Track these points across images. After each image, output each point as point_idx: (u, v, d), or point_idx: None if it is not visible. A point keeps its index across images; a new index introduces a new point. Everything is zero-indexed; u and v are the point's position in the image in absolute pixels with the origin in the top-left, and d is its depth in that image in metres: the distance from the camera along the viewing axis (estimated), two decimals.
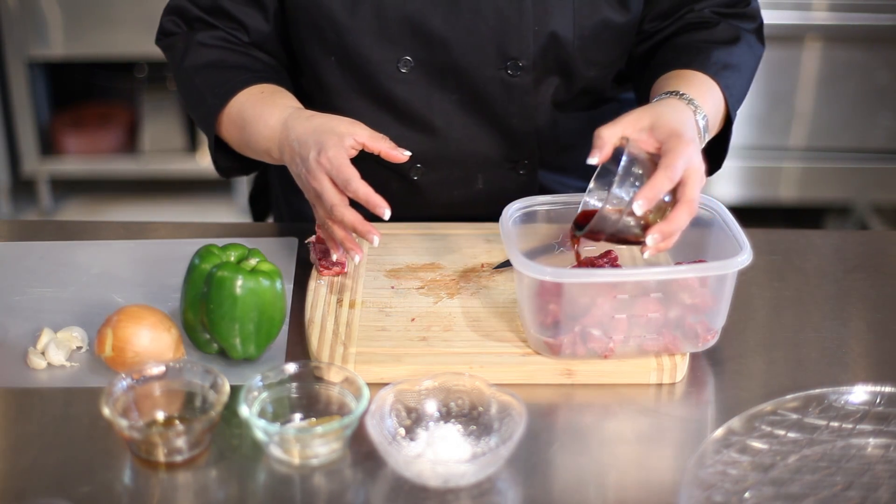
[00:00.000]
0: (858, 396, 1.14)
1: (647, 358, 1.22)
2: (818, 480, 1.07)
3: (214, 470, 1.09)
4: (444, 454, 1.07)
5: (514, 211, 1.29)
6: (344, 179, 1.24)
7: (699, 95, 1.30)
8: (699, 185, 1.16)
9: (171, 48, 1.48)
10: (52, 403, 1.19)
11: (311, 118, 1.31)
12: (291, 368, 1.15)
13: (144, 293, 1.37)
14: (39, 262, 1.44)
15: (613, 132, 1.19)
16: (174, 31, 1.48)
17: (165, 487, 1.07)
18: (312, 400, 1.15)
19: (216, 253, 1.22)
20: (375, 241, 1.26)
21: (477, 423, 1.12)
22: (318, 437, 1.08)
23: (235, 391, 1.12)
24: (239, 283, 1.18)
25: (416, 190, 1.51)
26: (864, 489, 1.06)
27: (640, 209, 1.13)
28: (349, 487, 1.07)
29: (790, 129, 3.21)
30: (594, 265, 1.31)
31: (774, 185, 3.27)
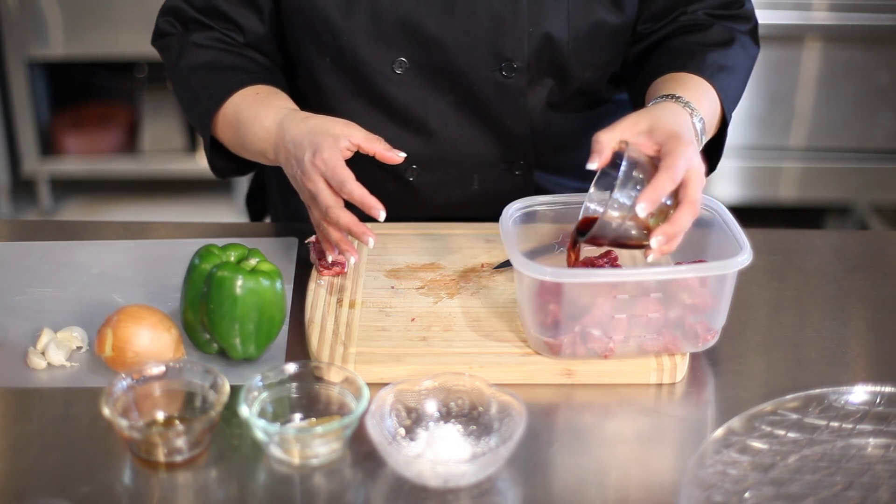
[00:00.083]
0: (858, 396, 1.14)
1: (647, 358, 1.21)
2: (818, 480, 1.07)
3: (214, 470, 1.09)
4: (444, 454, 1.07)
5: (514, 211, 1.29)
6: (339, 181, 1.24)
7: (695, 98, 1.30)
8: (700, 185, 1.16)
9: (166, 49, 1.48)
10: (52, 403, 1.19)
11: (306, 119, 1.31)
12: (291, 368, 1.15)
13: (144, 293, 1.37)
14: (39, 262, 1.44)
15: (612, 136, 1.19)
16: (170, 31, 1.48)
17: (165, 487, 1.07)
18: (312, 400, 1.15)
19: (216, 253, 1.22)
20: (370, 242, 1.26)
21: (477, 423, 1.12)
22: (318, 437, 1.08)
23: (235, 391, 1.12)
24: (239, 283, 1.18)
25: (411, 191, 1.51)
26: (864, 489, 1.06)
27: (643, 211, 1.13)
28: (349, 487, 1.07)
29: (790, 129, 3.21)
30: (594, 265, 1.31)
31: (774, 185, 3.27)
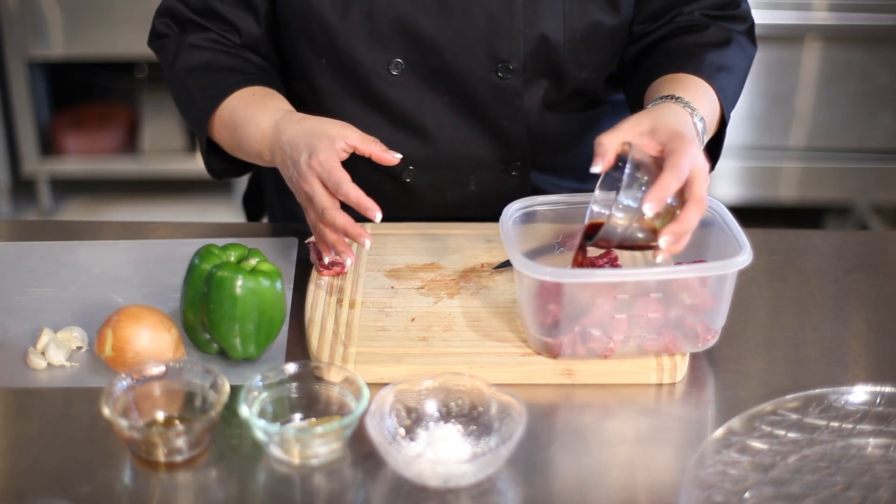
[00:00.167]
0: (858, 396, 1.14)
1: (647, 358, 1.21)
2: (818, 480, 1.07)
3: (214, 470, 1.09)
4: (444, 454, 1.07)
5: (514, 211, 1.29)
6: (335, 182, 1.24)
7: (695, 98, 1.30)
8: (705, 183, 1.16)
9: (162, 50, 1.48)
10: (52, 403, 1.19)
11: (302, 121, 1.31)
12: (291, 368, 1.15)
13: (144, 293, 1.37)
14: (39, 262, 1.44)
15: (614, 139, 1.19)
16: (166, 32, 1.48)
17: (165, 487, 1.07)
18: (312, 400, 1.15)
19: (216, 253, 1.22)
20: (367, 244, 1.26)
21: (477, 423, 1.12)
22: (318, 437, 1.08)
23: (235, 391, 1.12)
24: (239, 283, 1.18)
25: (408, 192, 1.51)
26: (864, 489, 1.06)
27: (650, 211, 1.12)
28: (349, 487, 1.07)
29: (790, 129, 3.21)
30: (594, 265, 1.31)
31: (774, 185, 3.27)
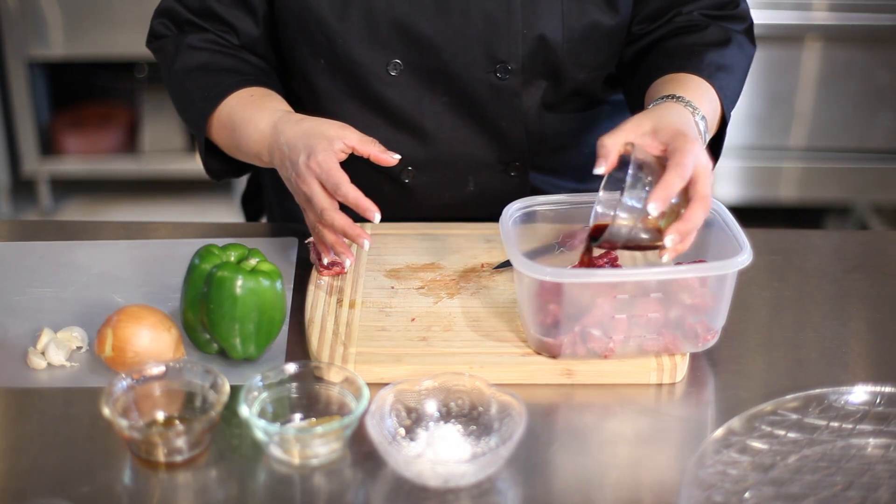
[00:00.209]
0: (858, 396, 1.14)
1: (647, 358, 1.21)
2: (818, 480, 1.07)
3: (214, 470, 1.09)
4: (444, 454, 1.07)
5: (514, 211, 1.29)
6: (334, 183, 1.24)
7: (696, 98, 1.30)
8: (709, 180, 1.15)
9: (161, 51, 1.48)
10: (52, 403, 1.19)
11: (300, 122, 1.31)
12: (291, 368, 1.15)
13: (144, 293, 1.37)
14: (39, 262, 1.44)
15: (616, 140, 1.18)
16: (164, 33, 1.48)
17: (165, 487, 1.07)
18: (312, 400, 1.15)
19: (216, 253, 1.22)
20: (366, 245, 1.26)
21: (477, 423, 1.12)
22: (318, 437, 1.08)
23: (235, 391, 1.12)
24: (239, 283, 1.18)
25: (407, 193, 1.51)
26: (864, 489, 1.06)
27: (655, 210, 1.12)
28: (349, 487, 1.07)
29: (790, 129, 3.21)
30: (594, 265, 1.31)
31: (774, 185, 3.27)
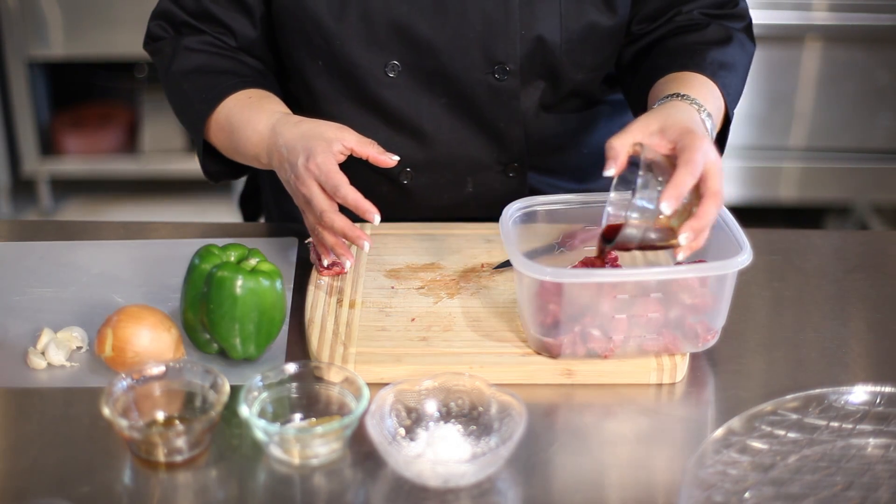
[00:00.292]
0: (858, 396, 1.14)
1: (647, 358, 1.21)
2: (818, 480, 1.07)
3: (214, 470, 1.09)
4: (444, 454, 1.07)
5: (514, 211, 1.29)
6: (333, 185, 1.24)
7: (701, 95, 1.30)
8: (720, 176, 1.15)
9: (158, 53, 1.47)
10: (52, 403, 1.19)
11: (299, 123, 1.30)
12: (291, 368, 1.15)
13: (144, 293, 1.37)
14: (39, 262, 1.44)
15: (624, 141, 1.18)
16: (161, 35, 1.47)
17: (165, 487, 1.07)
18: (312, 400, 1.15)
19: (216, 253, 1.22)
20: (366, 246, 1.26)
21: (477, 423, 1.12)
22: (318, 437, 1.08)
23: (235, 391, 1.12)
24: (239, 283, 1.18)
25: (405, 194, 1.51)
26: (864, 489, 1.06)
27: (668, 209, 1.12)
28: (349, 487, 1.07)
29: (790, 129, 3.21)
30: (594, 265, 1.31)
31: (774, 185, 3.27)
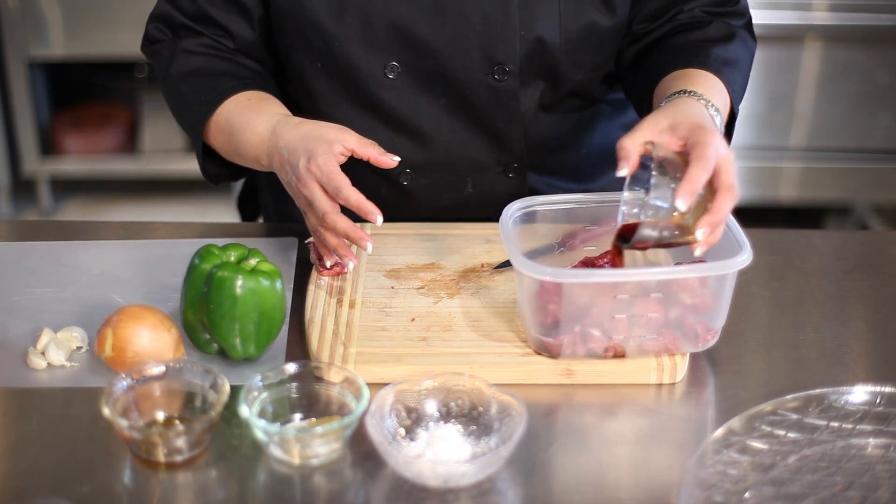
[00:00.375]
0: (858, 396, 1.14)
1: (647, 358, 1.21)
2: (818, 480, 1.07)
3: (214, 470, 1.09)
4: (444, 454, 1.07)
5: (514, 211, 1.29)
6: (335, 187, 1.24)
7: (707, 91, 1.30)
8: (733, 170, 1.15)
9: (156, 55, 1.47)
10: (52, 403, 1.19)
11: (299, 125, 1.30)
12: (291, 368, 1.15)
13: (144, 293, 1.37)
14: (39, 262, 1.44)
15: (635, 140, 1.18)
16: (159, 38, 1.47)
17: (165, 487, 1.07)
18: (312, 400, 1.15)
19: (216, 253, 1.22)
20: (369, 247, 1.26)
21: (477, 423, 1.12)
22: (318, 437, 1.08)
23: (235, 391, 1.12)
24: (239, 283, 1.18)
25: (405, 195, 1.51)
26: (864, 489, 1.06)
27: (683, 205, 1.12)
28: (349, 487, 1.07)
29: (790, 129, 3.21)
30: (594, 265, 1.31)
31: (774, 185, 3.27)
